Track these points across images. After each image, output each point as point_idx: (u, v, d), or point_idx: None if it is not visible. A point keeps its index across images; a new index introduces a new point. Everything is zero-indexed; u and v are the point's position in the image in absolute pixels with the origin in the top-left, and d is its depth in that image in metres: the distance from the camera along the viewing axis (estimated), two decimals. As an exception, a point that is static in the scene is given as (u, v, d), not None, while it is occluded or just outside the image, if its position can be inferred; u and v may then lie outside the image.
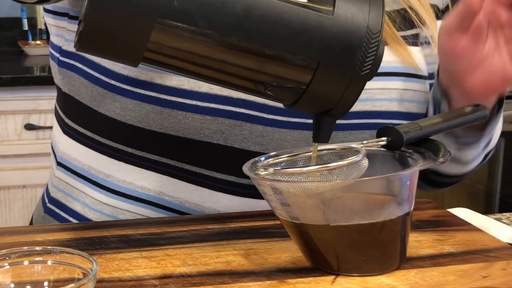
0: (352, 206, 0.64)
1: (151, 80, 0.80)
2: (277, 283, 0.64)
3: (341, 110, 0.61)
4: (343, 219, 0.63)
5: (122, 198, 0.84)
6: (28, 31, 2.74)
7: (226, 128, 0.80)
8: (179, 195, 0.82)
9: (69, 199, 0.88)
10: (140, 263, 0.68)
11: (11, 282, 0.60)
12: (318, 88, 0.59)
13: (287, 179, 0.65)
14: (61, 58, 0.89)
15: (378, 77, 0.85)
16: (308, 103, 0.61)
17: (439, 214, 0.82)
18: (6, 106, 2.21)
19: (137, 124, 0.81)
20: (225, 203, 0.82)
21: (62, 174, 0.89)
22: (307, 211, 0.63)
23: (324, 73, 0.58)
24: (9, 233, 0.75)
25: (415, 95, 0.88)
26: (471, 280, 0.65)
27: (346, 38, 0.57)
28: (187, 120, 0.80)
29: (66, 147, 0.89)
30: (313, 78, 0.58)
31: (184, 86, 0.79)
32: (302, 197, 0.63)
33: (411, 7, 0.90)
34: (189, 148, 0.81)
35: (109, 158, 0.84)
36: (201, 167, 0.81)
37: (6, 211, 2.30)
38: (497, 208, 2.67)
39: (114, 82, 0.81)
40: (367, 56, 0.58)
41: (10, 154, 2.25)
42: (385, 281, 0.64)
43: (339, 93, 0.59)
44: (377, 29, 0.58)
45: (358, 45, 0.58)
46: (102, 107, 0.83)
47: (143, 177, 0.82)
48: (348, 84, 0.58)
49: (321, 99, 0.60)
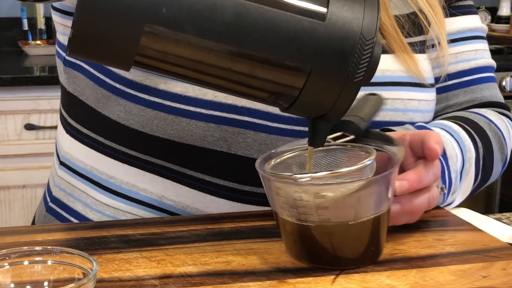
0: (369, 202, 0.66)
1: (155, 86, 0.80)
2: (277, 283, 0.64)
3: (335, 115, 0.60)
4: (364, 216, 0.65)
5: (124, 200, 0.83)
6: (28, 31, 2.74)
7: (229, 136, 0.80)
8: (181, 199, 0.82)
9: (70, 199, 0.88)
10: (140, 263, 0.68)
11: (11, 282, 0.60)
12: (310, 94, 0.58)
13: (327, 182, 0.65)
14: (67, 58, 0.89)
15: (383, 87, 0.85)
16: (301, 109, 0.60)
17: (439, 214, 0.82)
18: (6, 106, 2.21)
19: (141, 129, 0.81)
20: (227, 209, 0.82)
21: (64, 174, 0.89)
22: (341, 211, 0.65)
23: (317, 80, 0.57)
24: (9, 233, 0.75)
25: (419, 104, 0.87)
26: (471, 280, 0.65)
27: (338, 44, 0.57)
28: (191, 127, 0.79)
29: (69, 147, 0.89)
30: (305, 84, 0.58)
31: (188, 93, 0.79)
32: (342, 198, 0.64)
33: (420, 10, 0.90)
34: (192, 154, 0.81)
35: (112, 160, 0.84)
36: (203, 173, 0.81)
37: (6, 211, 2.30)
38: (497, 208, 2.67)
39: (119, 86, 0.81)
40: (360, 62, 0.57)
41: (10, 154, 2.25)
42: (385, 281, 0.64)
43: (332, 100, 0.58)
44: (371, 35, 0.57)
45: (351, 52, 0.57)
46: (106, 110, 0.82)
47: (145, 180, 0.82)
48: (341, 90, 0.58)
49: (315, 105, 0.60)
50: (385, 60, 0.86)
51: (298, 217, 0.65)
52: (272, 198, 0.67)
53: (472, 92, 0.96)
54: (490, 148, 0.90)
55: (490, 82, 0.98)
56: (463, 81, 0.95)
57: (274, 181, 0.65)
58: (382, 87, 0.84)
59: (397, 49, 0.86)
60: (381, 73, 0.85)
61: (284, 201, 0.65)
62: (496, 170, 0.93)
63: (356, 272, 0.66)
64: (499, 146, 0.92)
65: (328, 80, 0.58)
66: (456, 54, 0.95)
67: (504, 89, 2.48)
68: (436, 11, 0.91)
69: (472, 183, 0.89)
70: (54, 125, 2.21)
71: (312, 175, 0.65)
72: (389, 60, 0.86)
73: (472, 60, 0.96)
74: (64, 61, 0.89)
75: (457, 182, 0.84)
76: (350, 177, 0.65)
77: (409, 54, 0.87)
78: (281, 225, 0.68)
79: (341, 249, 0.66)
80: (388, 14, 0.87)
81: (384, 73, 0.85)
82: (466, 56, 0.96)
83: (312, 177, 0.65)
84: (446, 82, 0.94)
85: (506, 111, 0.99)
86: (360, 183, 0.64)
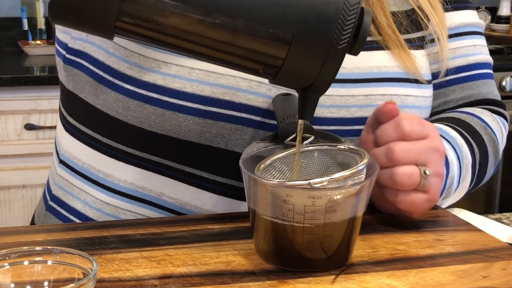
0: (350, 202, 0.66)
1: (154, 81, 0.80)
2: (277, 283, 0.64)
3: (322, 85, 0.59)
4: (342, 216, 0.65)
5: (123, 197, 0.84)
6: (28, 31, 2.74)
7: (227, 132, 0.80)
8: (180, 197, 0.82)
9: (69, 197, 0.88)
10: (140, 263, 0.68)
11: (11, 282, 0.60)
12: (294, 62, 0.57)
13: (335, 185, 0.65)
14: (67, 56, 0.89)
15: (379, 83, 0.85)
16: (287, 78, 0.59)
17: (439, 214, 0.82)
18: (6, 106, 2.21)
19: (139, 125, 0.81)
20: (226, 207, 0.82)
21: (64, 172, 0.89)
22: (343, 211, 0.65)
23: (299, 47, 0.56)
24: (9, 233, 0.75)
25: (416, 101, 0.87)
26: (471, 280, 0.65)
27: (321, 9, 0.55)
28: (188, 123, 0.80)
29: (68, 145, 0.89)
30: (288, 51, 0.56)
31: (186, 89, 0.79)
32: None
33: (419, 7, 0.90)
34: (190, 151, 0.81)
35: (110, 158, 0.84)
36: (201, 170, 0.81)
37: (6, 211, 2.30)
38: (497, 208, 2.67)
39: (118, 82, 0.82)
40: (344, 29, 0.56)
41: (10, 154, 2.25)
42: (385, 281, 0.64)
43: (316, 68, 0.57)
44: (355, 1, 0.56)
45: (334, 17, 0.55)
46: (104, 106, 0.83)
47: (143, 178, 0.82)
48: (326, 58, 0.56)
49: (300, 74, 0.58)
50: (381, 57, 0.86)
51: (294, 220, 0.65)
52: (261, 200, 0.66)
53: (469, 88, 0.95)
54: (486, 154, 0.90)
55: (488, 79, 0.97)
56: (460, 77, 0.95)
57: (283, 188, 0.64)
58: (378, 83, 0.85)
59: (393, 46, 0.86)
60: (378, 69, 0.85)
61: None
62: (489, 173, 0.93)
63: (356, 272, 0.66)
64: (493, 150, 0.92)
65: (311, 47, 0.56)
66: (454, 50, 0.94)
67: (504, 89, 2.48)
68: (435, 7, 0.90)
69: (467, 187, 0.89)
70: (54, 125, 2.21)
71: (327, 178, 0.64)
72: (385, 57, 0.86)
73: (470, 55, 0.96)
74: (64, 59, 0.89)
75: (451, 188, 0.85)
76: (352, 178, 0.66)
77: (405, 51, 0.87)
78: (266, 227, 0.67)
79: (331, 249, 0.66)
80: (385, 14, 0.87)
81: (380, 69, 0.85)
82: (464, 51, 0.95)
83: (328, 180, 0.64)
84: (444, 78, 0.94)
85: (502, 110, 0.99)
86: (362, 184, 0.65)
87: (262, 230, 0.67)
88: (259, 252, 0.69)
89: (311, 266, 0.66)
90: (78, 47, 0.87)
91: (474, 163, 0.88)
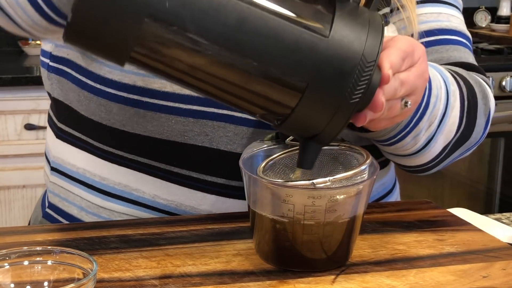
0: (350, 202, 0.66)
1: (133, 83, 0.80)
2: (277, 283, 0.64)
3: (327, 137, 0.59)
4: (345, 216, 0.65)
5: (118, 201, 0.83)
6: (28, 31, 2.74)
7: (210, 130, 0.80)
8: (174, 198, 0.82)
9: (65, 203, 0.88)
10: (140, 263, 0.68)
11: (11, 282, 0.60)
12: (305, 111, 0.57)
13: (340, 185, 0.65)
14: (51, 64, 0.90)
15: None
16: (294, 126, 0.59)
17: (439, 214, 0.82)
18: (6, 106, 2.21)
19: (122, 128, 0.81)
20: (219, 206, 0.82)
21: (57, 179, 0.89)
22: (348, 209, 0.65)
23: (312, 96, 0.56)
24: (9, 233, 0.75)
25: None
26: (471, 280, 0.65)
27: (338, 62, 0.56)
28: (170, 122, 0.80)
29: (60, 152, 0.89)
30: (300, 100, 0.56)
31: (166, 89, 0.80)
32: None
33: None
34: (175, 151, 0.81)
35: (103, 161, 0.84)
36: (190, 170, 0.81)
37: (6, 211, 2.30)
38: (497, 208, 2.67)
39: (99, 86, 0.82)
40: (358, 84, 0.56)
41: (10, 154, 2.24)
42: (385, 281, 0.64)
43: (325, 119, 0.57)
44: (372, 58, 0.56)
45: (350, 72, 0.56)
46: (88, 111, 0.83)
47: (136, 180, 0.83)
48: (336, 110, 0.57)
49: (307, 123, 0.58)
50: None
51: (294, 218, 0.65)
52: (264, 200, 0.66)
53: (436, 52, 0.90)
54: (474, 93, 0.84)
55: (460, 46, 0.92)
56: (423, 42, 0.89)
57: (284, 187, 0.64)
58: None
59: None
60: None
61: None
62: (479, 122, 0.85)
63: (356, 272, 0.66)
64: (482, 95, 0.86)
65: (324, 98, 0.57)
66: (417, 16, 0.89)
67: (504, 89, 2.48)
68: None
69: (457, 124, 0.82)
70: (54, 125, 2.21)
71: (330, 178, 0.64)
72: None
73: (432, 21, 0.91)
74: (47, 67, 0.90)
75: (436, 109, 0.78)
76: (354, 179, 0.66)
77: None
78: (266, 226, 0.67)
79: (330, 249, 0.66)
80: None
81: None
82: (425, 18, 0.91)
83: (331, 180, 0.64)
84: None
85: (482, 75, 0.91)
86: (364, 183, 0.65)
87: (262, 230, 0.67)
88: (259, 252, 0.69)
89: (311, 266, 0.66)
90: (62, 54, 0.88)
91: (461, 95, 0.82)
